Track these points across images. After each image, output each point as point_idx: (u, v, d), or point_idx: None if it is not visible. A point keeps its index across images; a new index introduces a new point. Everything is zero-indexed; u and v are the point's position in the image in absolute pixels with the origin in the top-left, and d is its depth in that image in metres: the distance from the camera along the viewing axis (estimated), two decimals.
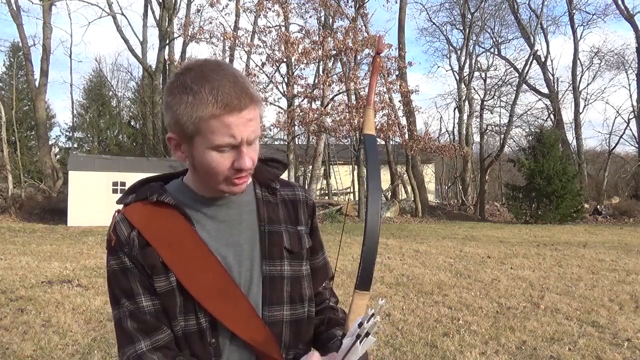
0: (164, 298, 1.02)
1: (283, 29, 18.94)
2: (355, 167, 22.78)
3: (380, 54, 1.14)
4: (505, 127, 25.64)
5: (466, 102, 27.11)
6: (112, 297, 1.05)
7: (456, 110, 28.57)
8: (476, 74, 28.29)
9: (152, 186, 1.10)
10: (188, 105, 0.95)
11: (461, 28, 27.47)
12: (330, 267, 1.28)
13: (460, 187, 26.38)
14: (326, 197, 25.82)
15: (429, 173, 29.49)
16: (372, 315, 0.99)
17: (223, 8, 19.40)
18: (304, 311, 1.14)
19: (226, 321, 1.03)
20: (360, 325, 0.99)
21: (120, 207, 1.11)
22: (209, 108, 0.94)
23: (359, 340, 0.98)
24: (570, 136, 27.61)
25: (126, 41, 25.46)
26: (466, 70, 27.29)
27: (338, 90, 19.23)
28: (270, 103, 18.92)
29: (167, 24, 24.58)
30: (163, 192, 1.08)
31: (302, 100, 18.63)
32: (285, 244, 1.12)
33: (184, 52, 25.32)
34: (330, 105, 18.41)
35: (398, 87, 18.80)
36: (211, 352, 1.03)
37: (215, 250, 1.05)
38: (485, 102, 27.89)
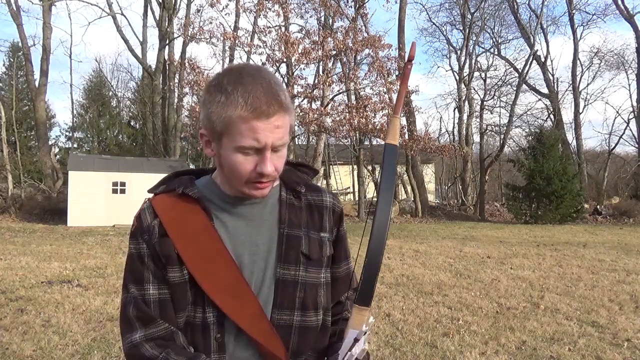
0: (175, 289, 1.05)
1: (283, 29, 18.93)
2: (355, 167, 22.77)
3: (412, 61, 1.09)
4: (505, 127, 25.66)
5: (466, 102, 27.10)
6: (124, 280, 1.09)
7: (456, 111, 28.60)
8: (476, 74, 28.30)
9: (182, 179, 1.14)
10: (220, 104, 0.99)
11: (461, 28, 27.48)
12: (355, 279, 1.23)
13: (460, 187, 26.38)
14: None
15: (429, 173, 29.51)
16: (365, 332, 1.01)
17: (223, 8, 19.39)
18: (317, 319, 1.12)
19: (234, 317, 1.04)
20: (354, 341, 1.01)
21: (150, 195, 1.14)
22: (238, 110, 0.97)
23: (357, 346, 0.99)
24: (570, 136, 27.66)
25: (126, 41, 25.47)
26: (466, 70, 27.29)
27: (338, 91, 19.23)
28: None
29: (167, 24, 24.57)
30: (190, 185, 1.11)
31: (302, 100, 18.61)
32: (302, 248, 1.11)
33: (184, 52, 25.29)
34: (330, 105, 18.41)
35: (398, 87, 18.77)
36: (215, 347, 1.04)
37: (230, 248, 1.07)
38: (485, 102, 27.91)
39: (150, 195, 1.13)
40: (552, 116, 27.14)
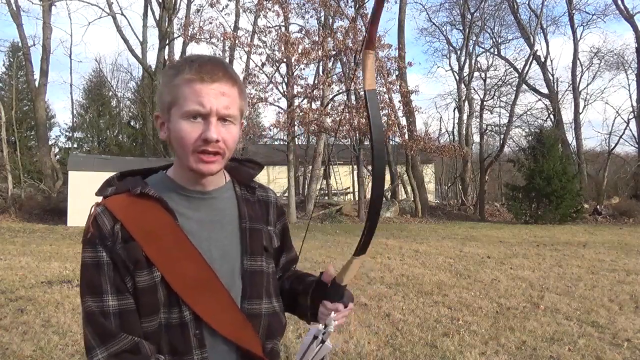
0: (146, 293, 1.02)
1: (283, 29, 18.93)
2: (355, 167, 22.77)
3: None
4: (505, 127, 25.65)
5: (466, 102, 27.09)
6: (80, 293, 1.06)
7: (456, 111, 28.59)
8: (476, 74, 28.27)
9: (133, 179, 1.11)
10: (170, 77, 1.04)
11: (461, 28, 27.47)
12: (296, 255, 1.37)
13: (460, 187, 26.36)
14: (326, 197, 25.82)
15: (428, 173, 29.47)
16: (326, 326, 1.09)
17: (223, 8, 19.42)
18: (277, 305, 1.18)
19: (206, 315, 1.04)
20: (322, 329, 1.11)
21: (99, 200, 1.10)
22: (184, 75, 1.01)
23: (315, 342, 1.08)
24: (570, 136, 27.62)
25: (126, 41, 25.45)
26: (466, 70, 27.27)
27: (338, 91, 19.23)
28: (270, 103, 18.90)
29: (167, 24, 24.56)
30: (145, 185, 1.08)
31: (302, 101, 18.62)
32: (264, 241, 1.17)
33: (184, 52, 25.26)
34: (330, 105, 18.41)
35: (398, 87, 18.80)
36: (195, 343, 1.04)
37: (197, 244, 1.06)
38: (485, 102, 27.88)
39: (99, 200, 1.09)
40: (552, 116, 27.12)
